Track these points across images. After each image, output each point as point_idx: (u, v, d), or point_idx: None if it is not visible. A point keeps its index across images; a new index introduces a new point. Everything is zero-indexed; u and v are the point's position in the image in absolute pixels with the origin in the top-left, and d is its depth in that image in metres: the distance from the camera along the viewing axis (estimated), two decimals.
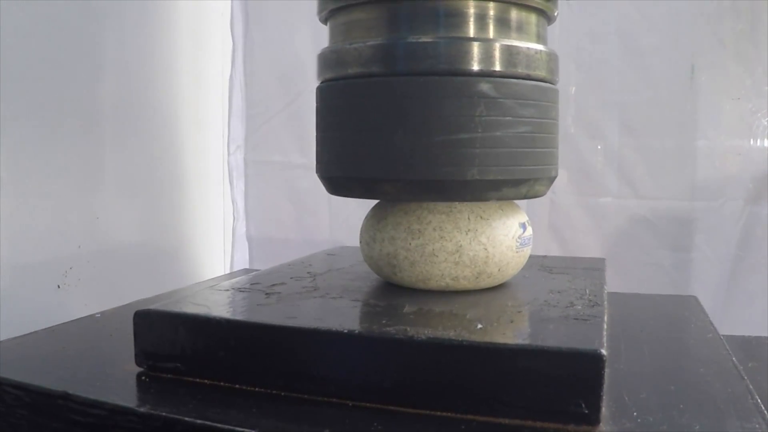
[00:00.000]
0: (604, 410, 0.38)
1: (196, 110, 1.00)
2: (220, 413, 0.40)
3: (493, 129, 0.48)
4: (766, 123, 0.82)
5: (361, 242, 0.56)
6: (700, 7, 0.82)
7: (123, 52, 0.84)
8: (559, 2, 0.54)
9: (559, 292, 0.52)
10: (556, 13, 0.54)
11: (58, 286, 0.75)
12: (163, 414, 0.40)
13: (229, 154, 1.07)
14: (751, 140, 0.83)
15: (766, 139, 0.82)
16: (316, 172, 0.55)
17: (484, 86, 0.48)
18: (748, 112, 0.82)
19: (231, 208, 1.08)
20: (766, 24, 0.80)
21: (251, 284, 0.55)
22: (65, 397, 0.42)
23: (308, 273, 0.59)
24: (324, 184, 0.55)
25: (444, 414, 0.39)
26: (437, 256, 0.51)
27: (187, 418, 0.39)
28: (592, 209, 0.89)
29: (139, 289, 0.71)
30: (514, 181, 0.49)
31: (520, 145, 0.49)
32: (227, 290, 0.53)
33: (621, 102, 0.87)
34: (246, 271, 0.95)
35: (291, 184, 1.03)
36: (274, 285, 0.54)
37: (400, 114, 0.48)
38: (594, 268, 0.63)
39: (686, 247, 0.86)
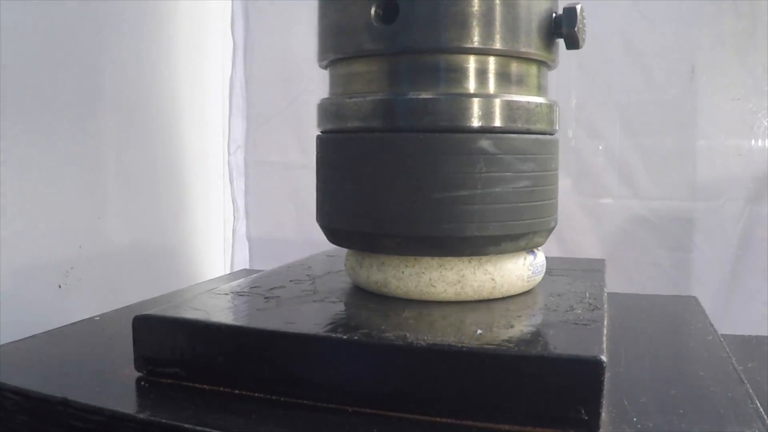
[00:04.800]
0: (603, 415, 0.38)
1: (196, 110, 1.00)
2: (219, 419, 0.40)
3: (492, 185, 0.47)
4: (766, 123, 0.82)
5: (346, 265, 0.55)
6: (700, 7, 0.82)
7: (123, 52, 0.84)
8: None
9: (558, 295, 0.52)
10: (557, 62, 0.53)
11: (60, 286, 0.75)
12: (163, 420, 0.40)
13: (229, 154, 1.07)
14: (752, 140, 0.82)
15: (766, 139, 0.82)
16: (317, 221, 0.55)
17: (484, 143, 0.47)
18: (748, 112, 0.82)
19: (231, 208, 1.08)
20: (766, 24, 0.80)
21: (250, 288, 0.55)
22: (65, 403, 0.42)
23: (308, 276, 0.59)
24: (324, 234, 0.55)
25: (443, 420, 0.39)
26: (435, 287, 0.49)
27: (186, 425, 0.39)
28: (592, 210, 0.89)
29: (140, 289, 0.71)
30: (513, 235, 0.49)
31: (520, 200, 0.48)
32: (226, 294, 0.53)
33: (621, 102, 0.87)
34: (246, 271, 0.95)
35: (291, 184, 1.03)
36: (273, 288, 0.54)
37: (399, 170, 0.47)
38: (594, 269, 0.62)
39: (686, 247, 0.86)
